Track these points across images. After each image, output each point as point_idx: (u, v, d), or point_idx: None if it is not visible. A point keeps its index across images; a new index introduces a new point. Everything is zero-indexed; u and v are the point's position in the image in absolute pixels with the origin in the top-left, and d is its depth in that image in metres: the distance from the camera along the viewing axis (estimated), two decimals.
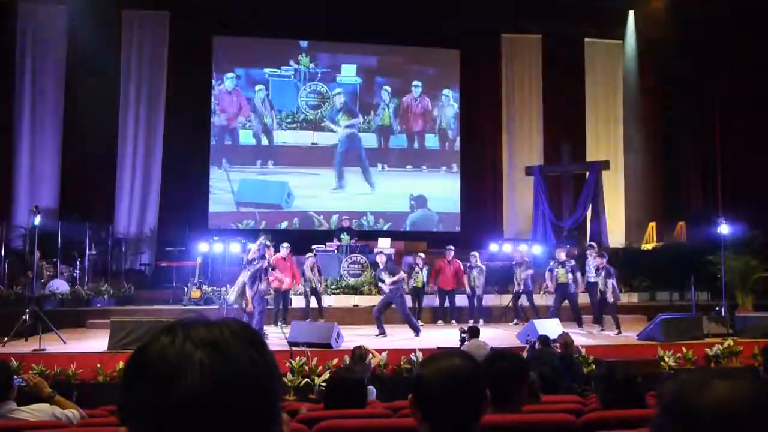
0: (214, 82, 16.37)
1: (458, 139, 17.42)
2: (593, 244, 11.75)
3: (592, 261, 10.94)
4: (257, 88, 16.59)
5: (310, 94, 16.83)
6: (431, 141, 17.38)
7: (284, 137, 16.65)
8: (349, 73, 17.06)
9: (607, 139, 17.21)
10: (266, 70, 16.67)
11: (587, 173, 15.40)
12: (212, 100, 16.34)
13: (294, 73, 16.79)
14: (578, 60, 17.00)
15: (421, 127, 17.30)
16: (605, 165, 15.25)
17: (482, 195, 17.11)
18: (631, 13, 16.69)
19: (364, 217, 16.46)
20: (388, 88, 17.15)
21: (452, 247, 11.93)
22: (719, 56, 15.04)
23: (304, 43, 16.77)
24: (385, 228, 16.31)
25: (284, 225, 16.11)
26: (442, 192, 17.14)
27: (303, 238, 13.53)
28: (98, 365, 7.44)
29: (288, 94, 16.76)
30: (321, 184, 16.58)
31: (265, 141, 16.57)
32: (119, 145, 15.16)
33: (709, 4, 14.73)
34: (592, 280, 10.86)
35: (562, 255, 10.98)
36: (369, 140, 17.03)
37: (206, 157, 16.15)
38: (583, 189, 15.23)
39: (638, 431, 2.55)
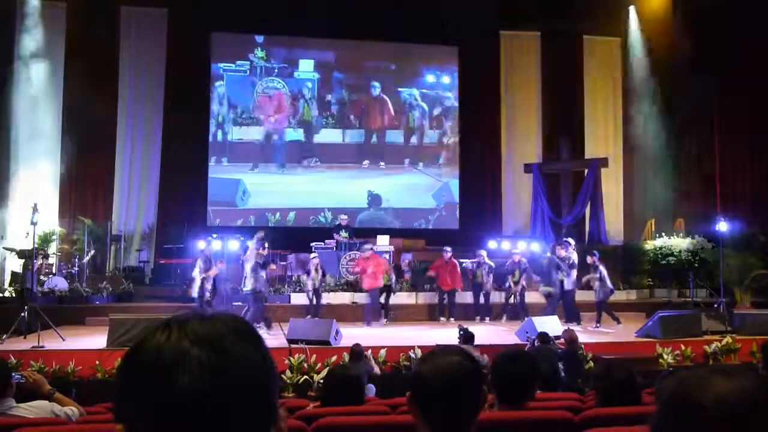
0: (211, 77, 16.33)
1: (458, 137, 17.39)
2: (569, 240, 11.31)
3: (566, 255, 10.73)
4: (217, 83, 16.36)
5: (266, 89, 16.59)
6: (393, 136, 17.12)
7: (239, 133, 16.44)
8: (307, 68, 16.78)
9: (606, 137, 17.19)
10: (221, 64, 16.43)
11: (586, 171, 15.39)
12: (210, 96, 16.31)
13: (249, 68, 16.53)
14: (577, 57, 16.97)
15: (383, 124, 17.07)
16: (604, 162, 15.24)
17: (481, 192, 17.08)
18: (632, 9, 16.66)
19: (322, 214, 16.21)
20: (347, 84, 16.91)
21: (449, 249, 11.92)
22: (720, 53, 15.02)
23: (259, 38, 16.52)
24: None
25: (239, 222, 15.81)
26: (403, 188, 16.87)
27: (302, 236, 13.51)
28: (97, 362, 7.45)
29: (243, 89, 16.49)
30: (276, 180, 16.33)
31: (219, 137, 16.37)
32: (118, 141, 15.11)
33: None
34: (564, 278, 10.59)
35: (562, 252, 10.88)
36: (327, 136, 16.78)
37: (205, 153, 16.11)
38: (581, 186, 15.22)
39: (636, 428, 2.55)
